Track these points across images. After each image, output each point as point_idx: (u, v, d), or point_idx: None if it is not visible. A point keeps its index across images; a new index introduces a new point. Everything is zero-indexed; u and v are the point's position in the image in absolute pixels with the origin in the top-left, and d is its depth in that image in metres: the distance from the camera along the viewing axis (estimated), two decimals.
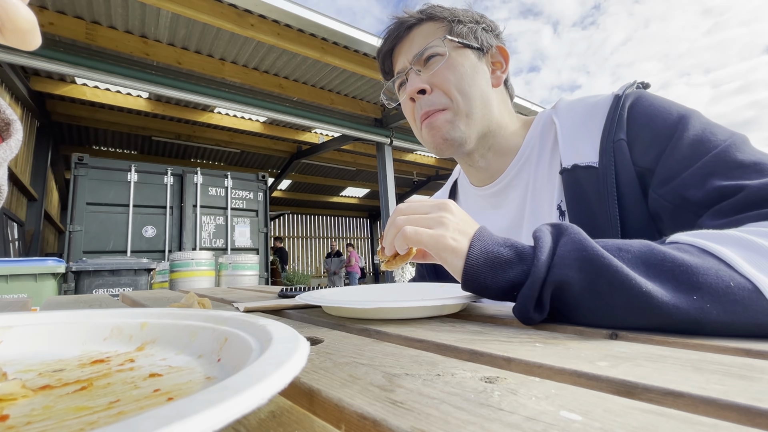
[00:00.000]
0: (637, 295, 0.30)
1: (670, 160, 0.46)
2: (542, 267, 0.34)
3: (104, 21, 3.87)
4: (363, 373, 0.22)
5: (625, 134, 0.51)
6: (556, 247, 0.35)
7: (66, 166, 7.14)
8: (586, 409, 0.15)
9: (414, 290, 0.60)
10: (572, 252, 0.34)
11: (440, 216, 0.43)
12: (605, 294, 0.32)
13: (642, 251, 0.33)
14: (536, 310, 0.35)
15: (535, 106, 6.26)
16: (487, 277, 0.37)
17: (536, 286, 0.34)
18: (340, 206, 13.25)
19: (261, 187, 5.62)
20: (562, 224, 0.37)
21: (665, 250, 0.32)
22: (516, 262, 0.37)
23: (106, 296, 1.10)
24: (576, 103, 0.60)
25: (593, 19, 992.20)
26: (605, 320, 0.33)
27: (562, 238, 0.35)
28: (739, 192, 0.39)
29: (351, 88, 5.56)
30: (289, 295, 0.69)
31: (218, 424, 0.10)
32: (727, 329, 0.29)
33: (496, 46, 0.65)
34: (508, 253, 0.37)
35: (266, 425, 0.16)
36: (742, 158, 0.41)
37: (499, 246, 0.38)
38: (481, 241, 0.39)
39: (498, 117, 0.63)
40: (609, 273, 0.31)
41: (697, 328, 0.29)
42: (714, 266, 0.30)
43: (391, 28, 0.65)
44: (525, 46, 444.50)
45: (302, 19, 3.80)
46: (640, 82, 0.58)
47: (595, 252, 0.33)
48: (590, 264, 0.32)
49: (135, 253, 4.44)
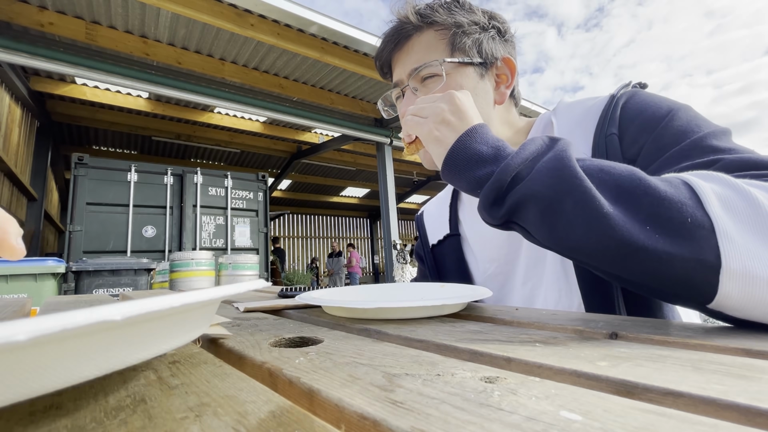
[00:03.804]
0: (596, 216, 0.31)
1: (652, 147, 0.47)
2: (509, 173, 0.36)
3: (104, 21, 3.87)
4: (363, 373, 0.22)
5: (616, 128, 0.51)
6: (538, 161, 0.37)
7: (66, 166, 7.13)
8: (586, 409, 0.15)
9: (414, 290, 0.60)
10: (550, 170, 0.35)
11: (436, 106, 0.46)
12: (569, 213, 0.33)
13: (622, 176, 0.33)
14: (493, 208, 0.38)
15: (537, 107, 6.26)
16: (460, 171, 0.41)
17: (496, 186, 0.37)
18: (340, 206, 13.25)
19: (261, 187, 5.62)
20: (560, 141, 0.38)
21: (643, 178, 0.33)
22: (490, 161, 0.40)
23: (106, 296, 1.10)
24: (574, 105, 0.60)
25: (597, 21, 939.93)
26: (563, 239, 0.34)
27: (548, 153, 0.37)
28: (716, 163, 0.39)
29: (351, 88, 5.56)
30: (289, 295, 0.69)
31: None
32: (671, 259, 0.29)
33: (502, 58, 0.60)
34: (487, 151, 0.41)
35: (266, 425, 0.16)
36: (717, 144, 0.42)
37: (483, 144, 0.41)
38: (469, 137, 0.42)
39: (497, 132, 0.61)
40: (577, 192, 0.32)
41: (644, 255, 0.30)
42: (681, 200, 0.30)
43: (390, 34, 0.61)
44: (529, 47, 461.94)
45: (302, 19, 3.80)
46: (638, 82, 0.58)
47: (571, 171, 0.33)
48: (562, 182, 0.33)
49: (135, 253, 4.43)
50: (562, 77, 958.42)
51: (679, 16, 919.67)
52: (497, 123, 0.62)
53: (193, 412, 0.18)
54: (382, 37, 0.63)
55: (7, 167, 4.00)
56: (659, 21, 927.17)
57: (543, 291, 0.58)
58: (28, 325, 0.11)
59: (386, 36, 0.62)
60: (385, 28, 0.63)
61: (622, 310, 0.48)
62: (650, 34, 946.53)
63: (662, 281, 0.31)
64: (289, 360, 0.25)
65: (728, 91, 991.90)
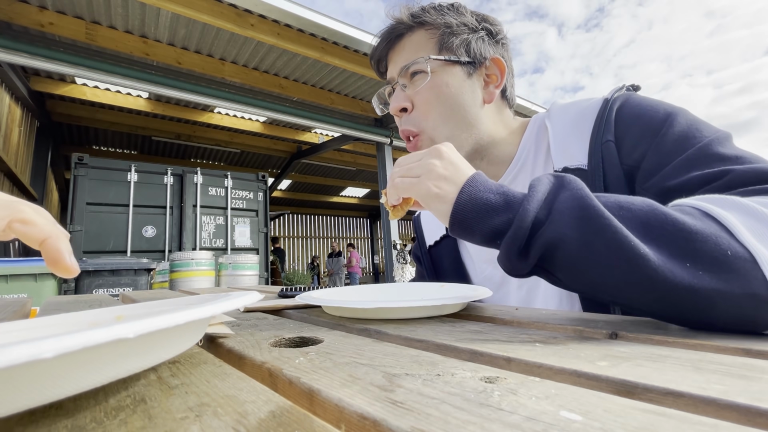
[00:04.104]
0: (633, 257, 0.29)
1: (655, 155, 0.46)
2: (528, 218, 0.34)
3: (104, 21, 3.87)
4: (363, 373, 0.22)
5: (612, 135, 0.51)
6: (554, 201, 0.34)
7: (66, 166, 7.14)
8: (586, 409, 0.15)
9: (414, 290, 0.60)
10: (572, 209, 0.32)
11: (427, 163, 0.43)
12: (601, 255, 0.31)
13: (643, 211, 0.32)
14: (520, 259, 0.34)
15: (537, 107, 6.26)
16: (473, 224, 0.37)
17: (519, 235, 0.34)
18: (340, 206, 13.25)
19: (261, 187, 5.62)
20: (565, 177, 0.36)
21: (667, 212, 0.31)
22: (503, 209, 0.37)
23: (106, 296, 1.10)
24: (568, 107, 0.60)
25: (597, 21, 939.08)
26: (598, 283, 0.32)
27: (562, 192, 0.34)
28: (725, 176, 0.38)
29: (351, 88, 5.56)
30: (289, 295, 0.69)
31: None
32: (721, 297, 0.28)
33: (491, 58, 0.61)
34: (496, 199, 0.38)
35: (266, 425, 0.16)
36: (724, 151, 0.41)
37: (489, 192, 0.38)
38: (471, 187, 0.39)
39: (488, 131, 0.62)
40: (608, 233, 0.30)
41: (691, 296, 0.29)
42: (714, 232, 0.30)
43: (384, 33, 0.63)
44: (529, 47, 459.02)
45: (302, 19, 3.80)
46: (630, 85, 0.58)
47: (597, 211, 0.31)
48: (589, 222, 0.31)
49: (135, 253, 4.43)
50: (562, 77, 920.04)
51: (679, 16, 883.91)
52: (488, 122, 0.62)
53: (193, 412, 0.18)
54: (376, 39, 0.65)
55: (7, 167, 4.00)
56: (659, 21, 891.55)
57: (541, 294, 0.58)
58: (53, 344, 0.13)
59: (380, 37, 0.64)
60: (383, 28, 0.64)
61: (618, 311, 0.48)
62: (650, 35, 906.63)
63: (709, 317, 0.30)
64: (289, 360, 0.25)
65: (728, 91, 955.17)
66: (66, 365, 0.16)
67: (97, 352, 0.17)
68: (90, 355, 0.17)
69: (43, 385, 0.16)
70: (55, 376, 0.16)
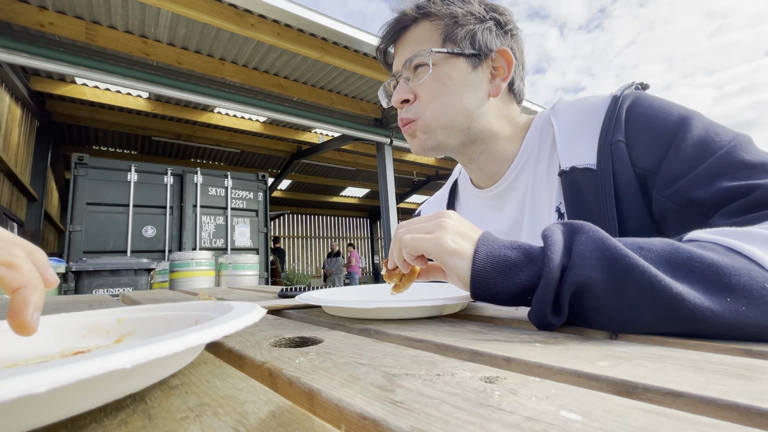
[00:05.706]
0: (666, 297, 0.28)
1: (675, 161, 0.45)
2: (555, 267, 0.32)
3: (104, 21, 3.87)
4: (363, 373, 0.22)
5: (623, 136, 0.50)
6: (572, 246, 0.33)
7: (66, 166, 7.13)
8: (586, 409, 0.15)
9: (414, 290, 0.60)
10: (593, 251, 0.31)
11: (439, 221, 0.41)
12: (631, 296, 0.29)
13: (666, 250, 0.31)
14: (554, 313, 0.33)
15: (537, 107, 6.26)
16: (497, 283, 0.35)
17: (551, 287, 0.32)
18: (340, 206, 13.25)
19: (261, 187, 5.62)
20: (576, 222, 0.35)
21: (691, 249, 0.31)
22: (525, 264, 0.35)
23: (106, 296, 1.10)
24: (574, 104, 0.59)
25: (599, 22, 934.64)
26: (630, 324, 0.30)
27: (578, 237, 0.34)
28: (752, 192, 0.38)
29: (351, 88, 5.56)
30: (289, 295, 0.69)
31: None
32: (765, 333, 0.27)
33: (498, 50, 0.59)
34: (515, 255, 0.35)
35: (266, 425, 0.16)
36: (749, 159, 0.40)
37: (505, 249, 0.36)
38: (486, 246, 0.37)
39: (490, 126, 0.61)
40: (635, 274, 0.29)
41: (732, 333, 0.28)
42: (745, 266, 0.29)
43: (388, 27, 0.63)
44: (531, 48, 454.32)
45: (302, 19, 3.80)
46: (639, 83, 0.57)
47: (619, 251, 0.30)
48: (614, 264, 0.30)
49: (135, 253, 4.43)
50: (563, 78, 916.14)
51: (680, 17, 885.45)
52: (493, 116, 0.61)
53: (193, 412, 0.18)
54: (382, 31, 0.64)
55: (7, 167, 4.00)
56: (660, 22, 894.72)
57: None
58: (47, 377, 0.13)
59: (386, 29, 0.63)
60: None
61: None
62: (652, 35, 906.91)
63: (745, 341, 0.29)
64: (289, 360, 0.25)
65: (729, 92, 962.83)
66: (59, 393, 0.16)
67: (92, 379, 0.17)
68: (85, 383, 0.17)
69: (36, 412, 0.16)
70: (49, 402, 0.16)
